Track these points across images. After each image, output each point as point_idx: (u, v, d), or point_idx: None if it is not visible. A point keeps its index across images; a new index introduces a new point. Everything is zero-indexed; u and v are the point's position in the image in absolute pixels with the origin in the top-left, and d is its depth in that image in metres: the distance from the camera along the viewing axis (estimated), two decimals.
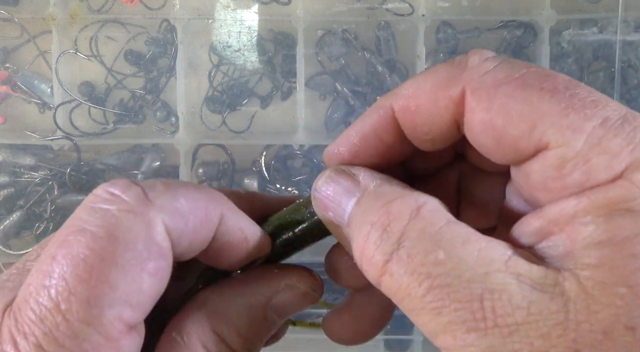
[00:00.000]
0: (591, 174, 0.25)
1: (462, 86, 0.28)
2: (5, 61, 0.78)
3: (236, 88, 0.79)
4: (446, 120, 0.29)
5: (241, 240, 0.32)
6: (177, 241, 0.29)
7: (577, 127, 0.25)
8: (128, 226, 0.27)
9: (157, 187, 0.29)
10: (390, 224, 0.27)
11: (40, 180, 0.78)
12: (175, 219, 0.28)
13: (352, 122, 0.34)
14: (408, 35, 0.76)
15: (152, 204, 0.28)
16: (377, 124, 0.31)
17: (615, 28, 0.73)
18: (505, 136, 0.27)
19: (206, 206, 0.30)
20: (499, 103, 0.27)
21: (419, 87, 0.30)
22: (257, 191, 0.38)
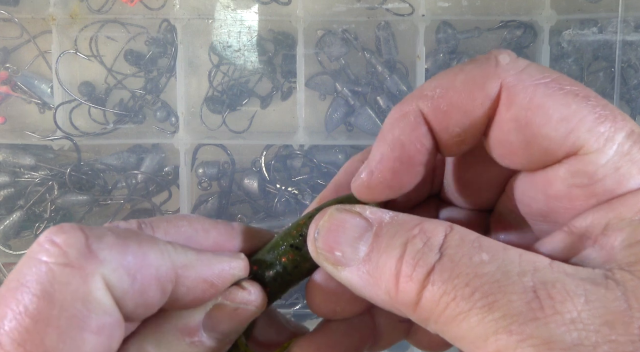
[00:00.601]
0: (622, 182, 0.25)
1: (500, 82, 0.28)
2: (5, 61, 0.78)
3: (236, 88, 0.79)
4: (479, 118, 0.28)
5: (207, 288, 0.30)
6: (121, 298, 0.27)
7: (610, 136, 0.26)
8: (64, 281, 0.25)
9: (104, 239, 0.27)
10: (429, 239, 0.26)
11: (40, 180, 0.78)
12: (120, 275, 0.27)
13: (377, 140, 0.31)
14: (408, 35, 0.76)
15: (93, 258, 0.26)
16: (412, 131, 0.29)
17: (615, 28, 0.73)
18: (539, 136, 0.27)
19: (158, 265, 0.28)
20: (538, 103, 0.27)
21: (449, 86, 0.28)
22: (254, 227, 0.36)
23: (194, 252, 0.30)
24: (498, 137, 0.28)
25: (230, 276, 0.31)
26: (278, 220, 0.79)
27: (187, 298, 0.30)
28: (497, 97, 0.28)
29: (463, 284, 0.24)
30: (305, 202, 0.78)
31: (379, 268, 0.27)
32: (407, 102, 0.29)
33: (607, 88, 0.76)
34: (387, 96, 0.78)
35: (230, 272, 0.31)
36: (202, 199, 0.80)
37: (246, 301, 0.31)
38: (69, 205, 0.79)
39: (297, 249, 0.32)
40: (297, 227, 0.33)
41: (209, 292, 0.30)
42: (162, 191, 0.81)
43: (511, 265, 0.24)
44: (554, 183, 0.27)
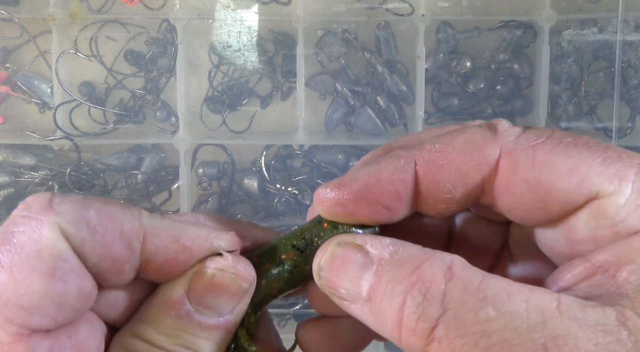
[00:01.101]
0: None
1: (499, 148, 0.28)
2: (5, 61, 0.78)
3: (236, 88, 0.79)
4: (474, 180, 0.29)
5: (180, 250, 0.30)
6: (80, 247, 0.28)
7: (622, 175, 0.27)
8: (20, 229, 0.28)
9: (68, 199, 0.29)
10: (428, 290, 0.25)
11: (40, 180, 0.78)
12: (78, 226, 0.28)
13: (356, 166, 0.32)
14: (408, 35, 0.76)
15: (51, 210, 0.28)
16: (395, 171, 0.29)
17: (615, 28, 0.73)
18: (553, 192, 0.27)
19: (122, 222, 0.29)
20: (541, 161, 0.27)
21: (448, 143, 0.29)
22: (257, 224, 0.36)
23: (170, 218, 0.31)
24: (512, 202, 0.29)
25: (208, 244, 0.31)
26: (278, 220, 0.79)
27: (158, 259, 0.30)
28: (496, 163, 0.28)
29: (472, 344, 0.24)
30: (305, 202, 0.78)
31: (381, 313, 0.27)
32: (404, 150, 0.30)
33: (607, 88, 0.76)
34: (387, 96, 0.78)
35: (207, 239, 0.31)
36: (202, 199, 0.80)
37: (221, 266, 0.31)
38: None
39: (298, 251, 0.32)
40: (302, 230, 0.33)
41: (182, 256, 0.30)
42: (162, 191, 0.81)
43: (519, 319, 0.24)
44: (577, 229, 0.28)
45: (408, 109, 0.78)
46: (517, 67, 0.77)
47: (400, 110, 0.78)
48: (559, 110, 0.77)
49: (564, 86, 0.76)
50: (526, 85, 0.78)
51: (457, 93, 0.79)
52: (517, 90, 0.78)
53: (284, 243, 0.33)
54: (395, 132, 0.79)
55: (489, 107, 0.79)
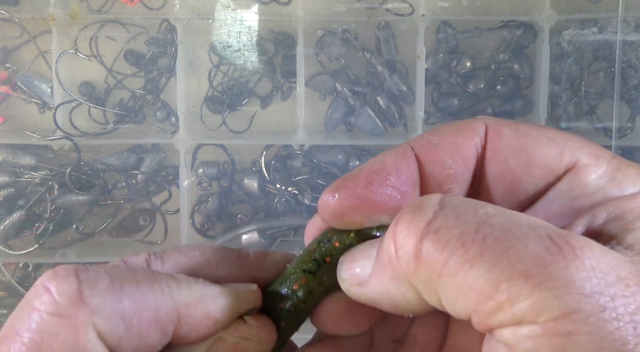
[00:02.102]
0: (620, 188, 0.27)
1: (484, 123, 0.30)
2: (5, 61, 0.78)
3: (236, 88, 0.79)
4: (469, 151, 0.30)
5: (212, 325, 0.29)
6: (116, 346, 0.26)
7: (598, 153, 0.28)
8: (53, 331, 0.25)
9: (99, 283, 0.26)
10: (424, 198, 0.25)
11: (40, 180, 0.78)
12: (114, 322, 0.26)
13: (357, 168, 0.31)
14: (408, 35, 0.76)
15: (84, 306, 0.25)
16: (397, 156, 0.29)
17: (615, 28, 0.73)
18: (536, 156, 0.29)
19: (157, 307, 0.27)
20: (523, 131, 0.29)
21: (436, 130, 0.31)
22: (268, 251, 0.34)
23: (199, 286, 0.29)
24: (497, 171, 0.30)
25: (236, 311, 0.30)
26: (278, 220, 0.79)
27: (190, 337, 0.29)
28: (484, 134, 0.30)
29: (472, 231, 0.23)
30: (305, 202, 0.78)
31: (382, 249, 0.26)
32: (400, 145, 0.30)
33: (607, 88, 0.76)
34: (387, 96, 0.78)
35: (236, 307, 0.30)
36: (202, 199, 0.80)
37: (247, 335, 0.30)
38: (69, 205, 0.79)
39: (310, 273, 0.31)
40: (309, 253, 0.31)
41: (213, 328, 0.29)
42: (162, 191, 0.81)
43: (520, 218, 0.23)
44: (557, 200, 0.29)
45: (408, 109, 0.78)
46: (517, 67, 0.77)
47: (400, 110, 0.78)
48: (559, 110, 0.77)
49: (564, 86, 0.76)
50: (526, 85, 0.78)
51: (457, 93, 0.79)
52: (517, 90, 0.78)
53: (292, 272, 0.32)
54: (395, 132, 0.79)
55: (489, 107, 0.79)
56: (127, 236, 0.81)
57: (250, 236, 0.78)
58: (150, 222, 0.80)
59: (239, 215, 0.80)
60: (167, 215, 0.81)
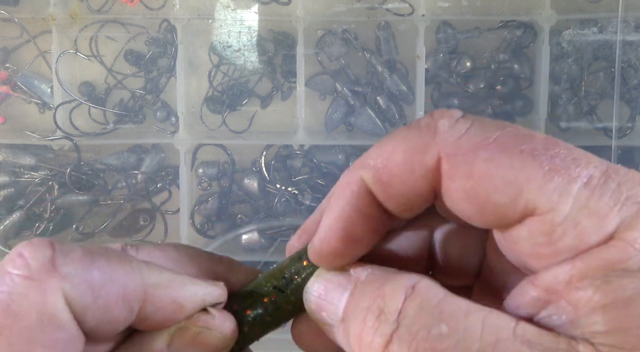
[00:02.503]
0: (583, 238, 0.24)
1: (437, 152, 0.27)
2: (5, 61, 0.78)
3: (236, 88, 0.79)
4: (423, 189, 0.28)
5: (177, 309, 0.30)
6: (82, 314, 0.27)
7: (563, 190, 0.24)
8: (23, 293, 0.26)
9: (71, 254, 0.27)
10: (386, 305, 0.26)
11: (40, 180, 0.78)
12: (82, 291, 0.27)
13: (318, 209, 0.33)
14: (408, 35, 0.76)
15: (55, 272, 0.26)
16: (356, 201, 0.29)
17: (615, 28, 0.73)
18: (489, 203, 0.26)
19: (125, 283, 0.28)
20: (479, 169, 0.26)
21: (389, 156, 0.28)
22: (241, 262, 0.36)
23: (169, 272, 0.30)
24: (450, 205, 0.28)
25: (201, 301, 0.30)
26: (278, 220, 0.79)
27: (155, 318, 0.29)
28: (437, 168, 0.27)
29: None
30: (305, 202, 0.78)
31: (348, 332, 0.27)
32: (352, 171, 0.29)
33: (607, 88, 0.76)
34: (387, 96, 0.78)
35: (201, 297, 0.30)
36: (202, 199, 0.80)
37: (208, 324, 0.30)
38: (69, 205, 0.79)
39: (279, 291, 0.32)
40: (281, 269, 0.32)
41: (178, 314, 0.30)
42: (162, 191, 0.81)
43: (471, 339, 0.24)
44: (519, 242, 0.26)
45: (408, 109, 0.79)
46: (517, 67, 0.77)
47: (400, 110, 0.78)
48: (559, 110, 0.77)
49: (564, 86, 0.76)
50: (526, 85, 0.78)
51: (457, 93, 0.79)
52: (517, 90, 0.78)
53: (264, 284, 0.32)
54: None
55: (489, 107, 0.79)
56: (127, 236, 0.80)
57: (250, 236, 0.78)
58: (150, 222, 0.80)
59: (239, 215, 0.80)
60: (167, 215, 0.81)
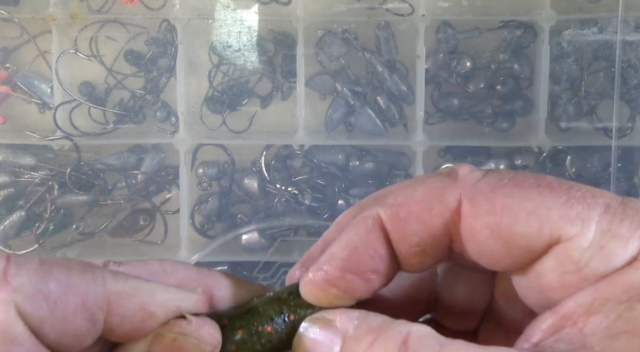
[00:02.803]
0: (609, 261, 0.25)
1: (459, 194, 0.28)
2: (5, 61, 0.78)
3: (236, 88, 0.79)
4: (439, 229, 0.28)
5: (146, 317, 0.29)
6: (38, 327, 0.26)
7: (584, 216, 0.26)
8: None
9: (26, 265, 0.26)
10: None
11: (40, 180, 0.78)
12: (36, 303, 0.26)
13: (322, 239, 0.31)
14: (408, 35, 0.76)
15: (6, 284, 0.26)
16: (367, 234, 0.29)
17: (615, 28, 0.73)
18: (514, 237, 0.27)
19: (85, 292, 0.27)
20: (501, 205, 0.27)
21: (408, 195, 0.29)
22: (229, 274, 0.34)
23: (136, 280, 0.29)
24: (478, 249, 0.28)
25: (175, 307, 0.29)
26: (278, 220, 0.79)
27: (123, 328, 0.28)
28: (457, 209, 0.28)
29: None
30: (305, 202, 0.78)
31: None
32: (367, 206, 0.29)
33: (607, 88, 0.76)
34: (387, 96, 0.78)
35: (174, 303, 0.29)
36: (202, 199, 0.80)
37: (184, 330, 0.29)
38: (69, 205, 0.79)
39: (275, 326, 0.31)
40: (279, 302, 0.31)
41: (148, 322, 0.29)
42: (162, 191, 0.81)
43: None
44: (544, 276, 0.27)
45: (408, 109, 0.78)
46: (517, 67, 0.77)
47: (400, 110, 0.78)
48: (559, 110, 0.77)
49: (564, 86, 0.76)
50: (526, 85, 0.78)
51: (457, 93, 0.79)
52: (517, 90, 0.78)
53: (261, 313, 0.32)
54: (395, 132, 0.79)
55: (489, 107, 0.79)
56: (127, 236, 0.81)
57: (250, 236, 0.78)
58: (150, 222, 0.80)
59: (239, 215, 0.80)
60: (167, 215, 0.81)
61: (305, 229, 0.80)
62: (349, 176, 0.79)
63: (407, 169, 0.80)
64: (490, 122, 0.79)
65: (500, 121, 0.79)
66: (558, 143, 0.76)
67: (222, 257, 0.78)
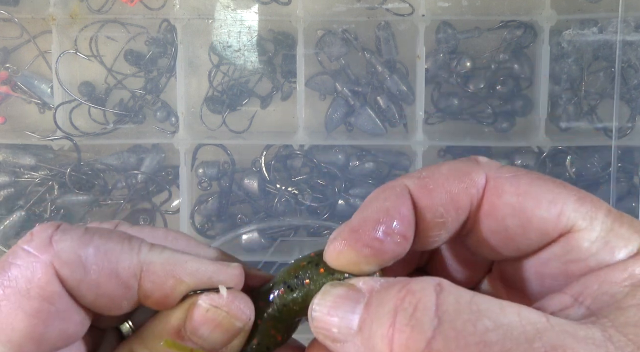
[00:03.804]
0: (613, 253, 0.28)
1: (484, 174, 0.30)
2: (5, 61, 0.78)
3: (236, 88, 0.79)
4: (464, 203, 0.30)
5: (176, 284, 0.30)
6: (75, 288, 0.29)
7: (592, 214, 0.29)
8: (17, 263, 0.28)
9: (70, 233, 0.29)
10: (420, 301, 0.25)
11: (40, 180, 0.78)
12: (73, 266, 0.29)
13: (360, 207, 0.31)
14: (408, 35, 0.76)
15: (49, 248, 0.29)
16: (397, 199, 0.30)
17: (615, 28, 0.73)
18: (534, 219, 0.29)
19: (119, 260, 0.29)
20: (525, 189, 0.29)
21: (434, 171, 0.30)
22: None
23: (171, 251, 0.31)
24: (494, 227, 0.30)
25: (207, 278, 0.31)
26: (278, 220, 0.79)
27: (156, 294, 0.30)
28: (482, 186, 0.30)
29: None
30: (305, 202, 0.78)
31: (371, 339, 0.26)
32: (395, 181, 0.31)
33: (607, 88, 0.76)
34: (387, 96, 0.78)
35: (206, 274, 0.31)
36: (202, 199, 0.80)
37: (216, 303, 0.31)
38: (69, 205, 0.79)
39: (289, 289, 0.32)
40: (296, 268, 0.32)
41: (178, 289, 0.30)
42: (162, 191, 0.81)
43: (517, 330, 0.24)
44: (548, 263, 0.29)
45: (408, 109, 0.78)
46: (517, 67, 0.77)
47: (400, 110, 0.78)
48: (559, 110, 0.77)
49: (564, 86, 0.76)
50: (526, 85, 0.78)
51: (457, 93, 0.79)
52: (517, 90, 0.78)
53: (278, 280, 0.32)
54: (395, 132, 0.79)
55: (489, 107, 0.79)
56: None
57: (250, 236, 0.78)
58: (150, 222, 0.80)
59: (239, 215, 0.80)
60: (167, 215, 0.81)
61: (305, 229, 0.80)
62: (349, 176, 0.79)
63: (407, 169, 0.80)
64: (490, 122, 0.79)
65: (500, 121, 0.79)
66: (558, 143, 0.76)
67: None
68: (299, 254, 0.79)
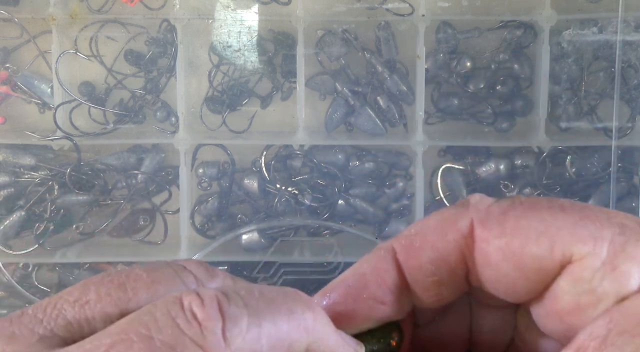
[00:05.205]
0: (622, 282, 0.24)
1: (470, 219, 0.28)
2: (5, 61, 0.78)
3: (236, 88, 0.79)
4: (453, 256, 0.28)
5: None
6: None
7: (597, 235, 0.25)
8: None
9: (239, 322, 0.24)
10: None
11: (40, 180, 0.78)
12: None
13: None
14: (408, 35, 0.76)
15: (227, 347, 0.24)
16: (377, 263, 0.29)
17: (615, 28, 0.73)
18: (526, 258, 0.26)
19: (291, 342, 0.25)
20: (511, 226, 0.27)
21: (422, 225, 0.29)
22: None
23: (331, 327, 0.27)
24: (493, 276, 0.28)
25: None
26: (278, 220, 0.79)
27: None
28: (470, 234, 0.28)
29: None
30: (305, 202, 0.78)
31: None
32: (384, 243, 0.29)
33: (607, 88, 0.76)
34: (387, 96, 0.78)
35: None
36: (202, 199, 0.80)
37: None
38: (69, 205, 0.79)
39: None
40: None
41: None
42: (162, 191, 0.81)
43: None
44: (560, 299, 0.26)
45: (408, 109, 0.79)
46: (517, 67, 0.77)
47: (400, 110, 0.78)
48: (559, 110, 0.77)
49: (564, 86, 0.76)
50: (526, 85, 0.78)
51: (457, 93, 0.79)
52: (517, 90, 0.78)
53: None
54: (395, 132, 0.79)
55: (489, 107, 0.79)
56: (127, 236, 0.81)
57: (250, 236, 0.78)
58: (150, 222, 0.80)
59: (239, 215, 0.80)
60: (167, 215, 0.81)
61: (305, 229, 0.80)
62: (349, 176, 0.79)
63: (407, 169, 0.80)
64: (490, 122, 0.79)
65: (500, 121, 0.79)
66: (558, 143, 0.76)
67: (222, 257, 0.78)
68: (299, 254, 0.79)
